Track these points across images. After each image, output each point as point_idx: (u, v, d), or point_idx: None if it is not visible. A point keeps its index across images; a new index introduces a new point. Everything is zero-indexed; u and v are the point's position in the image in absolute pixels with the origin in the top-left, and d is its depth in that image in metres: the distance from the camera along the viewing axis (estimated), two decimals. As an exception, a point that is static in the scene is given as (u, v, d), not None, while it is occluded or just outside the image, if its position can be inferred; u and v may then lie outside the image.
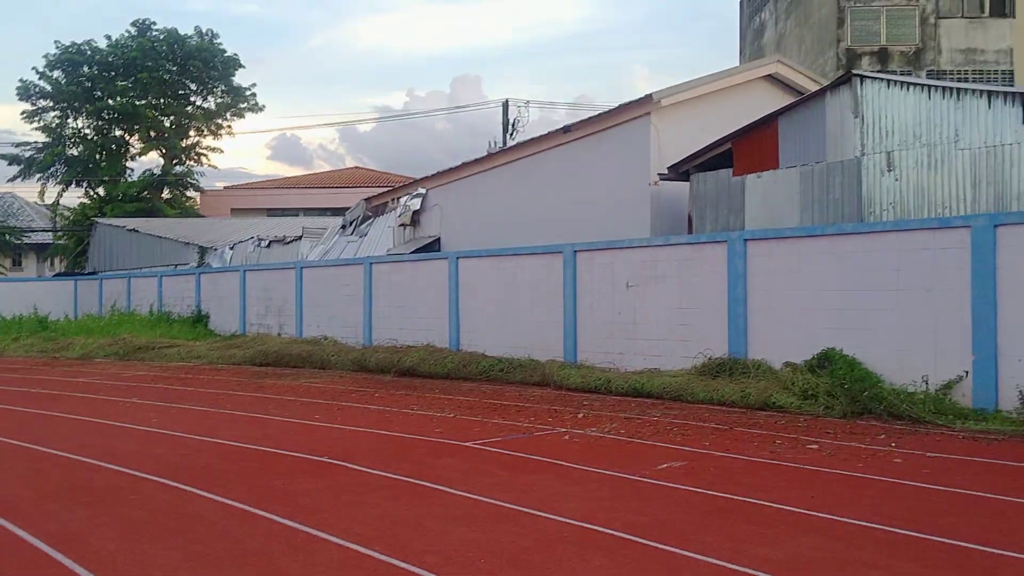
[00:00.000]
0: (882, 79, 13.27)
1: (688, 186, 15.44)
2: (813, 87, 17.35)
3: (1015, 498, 6.49)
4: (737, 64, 37.51)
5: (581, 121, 17.91)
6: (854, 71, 13.75)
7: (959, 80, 26.77)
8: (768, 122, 14.31)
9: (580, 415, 10.86)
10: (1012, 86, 20.54)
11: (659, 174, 15.88)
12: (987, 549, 5.26)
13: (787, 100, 16.93)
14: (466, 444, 9.10)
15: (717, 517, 6.13)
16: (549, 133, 18.75)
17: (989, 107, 12.18)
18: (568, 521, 6.03)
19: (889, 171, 12.90)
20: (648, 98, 16.21)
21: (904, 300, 10.76)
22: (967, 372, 10.08)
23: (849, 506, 6.32)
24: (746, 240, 12.46)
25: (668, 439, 9.16)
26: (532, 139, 19.44)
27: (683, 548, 5.38)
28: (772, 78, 18.51)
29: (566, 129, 18.07)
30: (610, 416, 10.73)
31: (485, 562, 5.17)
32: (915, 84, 13.02)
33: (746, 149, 14.40)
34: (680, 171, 15.31)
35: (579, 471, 7.70)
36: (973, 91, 12.47)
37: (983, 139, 12.20)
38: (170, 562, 5.32)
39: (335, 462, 8.25)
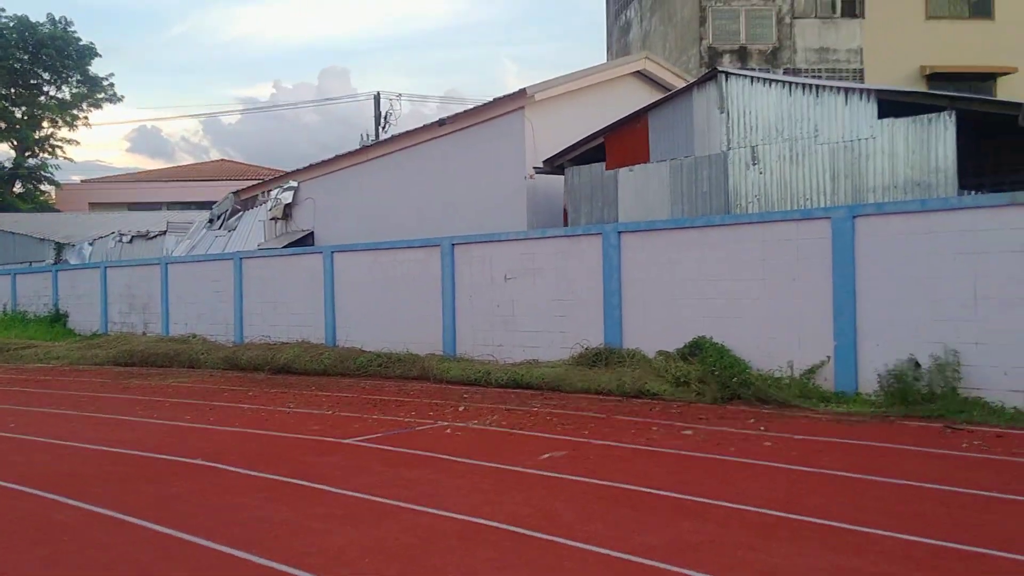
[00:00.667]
0: (746, 76, 13.74)
1: (563, 180, 15.62)
2: (680, 83, 17.82)
3: (879, 477, 6.84)
4: (605, 61, 38.19)
5: (456, 114, 17.87)
6: (719, 68, 14.20)
7: (814, 77, 28.01)
8: (638, 117, 14.62)
9: (461, 408, 10.85)
10: (863, 84, 21.65)
11: (534, 167, 16.01)
12: (856, 528, 5.52)
13: (655, 96, 17.33)
14: (346, 441, 8.95)
15: (600, 505, 6.22)
16: (424, 126, 18.64)
17: (846, 103, 12.79)
18: (453, 515, 6.00)
19: (754, 165, 13.39)
20: (522, 92, 16.32)
21: (770, 289, 11.19)
22: (829, 357, 10.57)
23: (724, 490, 6.52)
24: (620, 232, 12.70)
25: (549, 429, 9.25)
26: (407, 132, 19.30)
27: (568, 538, 5.43)
28: (641, 74, 18.92)
29: (442, 122, 18.00)
30: (491, 408, 10.76)
31: (370, 561, 5.09)
32: (777, 81, 13.55)
33: (618, 143, 14.68)
34: (555, 164, 15.47)
35: (462, 464, 7.68)
36: (831, 88, 13.07)
37: (841, 134, 12.81)
38: (35, 573, 5.02)
39: (208, 464, 7.97)
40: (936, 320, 9.85)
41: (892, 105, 12.65)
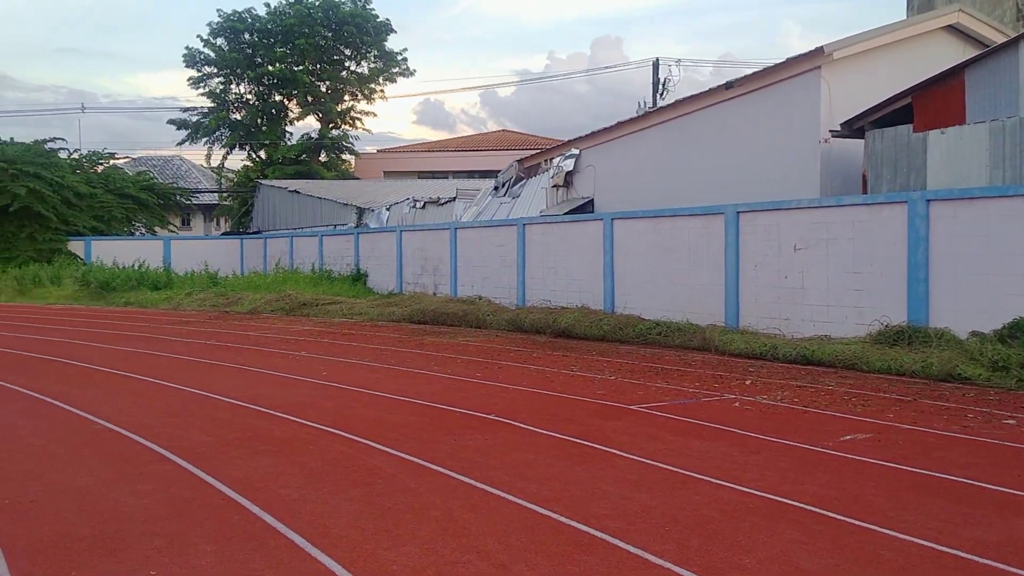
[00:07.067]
0: (1087, 24, 12.08)
1: (862, 144, 14.58)
2: (999, 38, 16.05)
3: None
4: (904, 17, 35.32)
5: (745, 77, 17.17)
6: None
7: None
8: (953, 74, 13.29)
9: (748, 382, 10.46)
10: None
11: (831, 131, 15.04)
12: None
13: (969, 52, 15.74)
14: (631, 407, 8.90)
15: (914, 494, 5.72)
16: (709, 90, 18.09)
17: None
18: (751, 491, 5.76)
19: (1094, 125, 11.77)
20: (819, 51, 15.34)
21: (1114, 266, 9.81)
22: None
23: (1066, 489, 5.78)
24: (928, 200, 11.64)
25: (847, 409, 8.68)
26: (690, 97, 18.83)
27: (882, 526, 5.02)
28: (953, 28, 17.23)
29: (728, 85, 17.38)
30: (780, 383, 10.29)
31: (670, 530, 4.97)
32: None
33: (928, 103, 13.43)
34: (854, 128, 14.44)
35: (756, 439, 7.37)
36: None
37: None
38: (352, 512, 5.37)
39: (501, 420, 8.22)
40: None
41: None
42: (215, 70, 51.14)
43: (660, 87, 37.02)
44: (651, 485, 5.94)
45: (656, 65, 37.43)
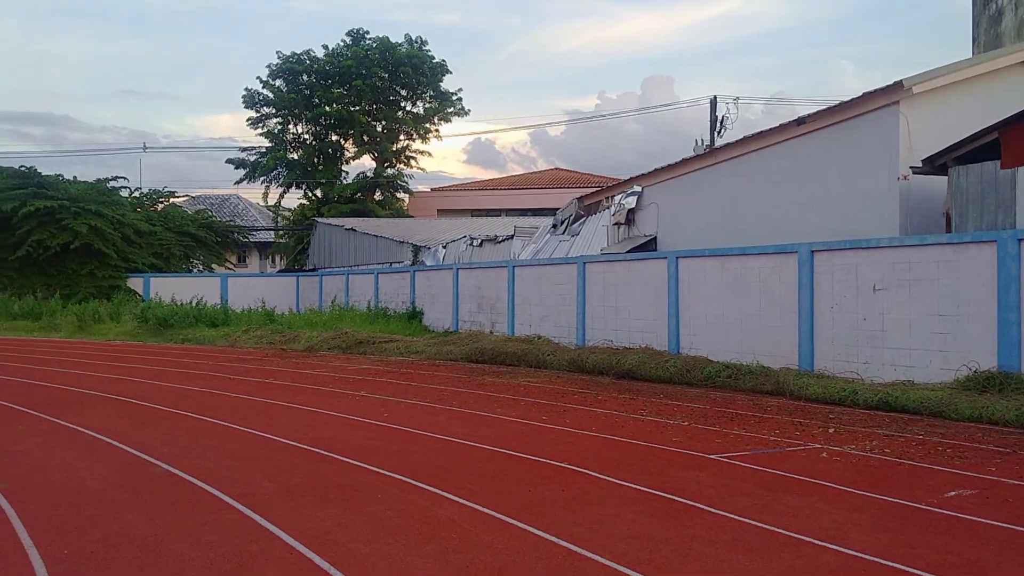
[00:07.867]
0: None
1: (942, 181, 13.99)
2: (1086, 70, 15.40)
3: None
4: (968, 55, 34.54)
5: (817, 112, 16.68)
6: None
7: None
8: (1042, 108, 12.71)
9: (831, 430, 9.89)
10: None
11: (912, 168, 14.46)
12: None
13: (1054, 85, 15.11)
14: (711, 457, 8.42)
15: (1043, 561, 5.18)
16: (780, 126, 17.62)
17: None
18: (860, 555, 5.26)
19: None
20: (897, 85, 14.81)
21: None
22: None
23: None
24: (1020, 240, 11.03)
25: (944, 462, 8.10)
26: (759, 133, 18.37)
27: (1017, 599, 4.51)
28: (1036, 62, 16.60)
29: (800, 121, 16.90)
30: (866, 432, 9.70)
31: (779, 600, 4.51)
32: None
33: (1016, 138, 12.82)
34: (936, 164, 13.85)
35: (852, 495, 6.85)
36: None
37: None
38: (428, 572, 5.00)
39: (575, 468, 7.80)
40: None
41: None
42: (273, 111, 52.00)
43: (718, 124, 36.60)
44: (748, 546, 5.47)
45: (714, 103, 37.09)
